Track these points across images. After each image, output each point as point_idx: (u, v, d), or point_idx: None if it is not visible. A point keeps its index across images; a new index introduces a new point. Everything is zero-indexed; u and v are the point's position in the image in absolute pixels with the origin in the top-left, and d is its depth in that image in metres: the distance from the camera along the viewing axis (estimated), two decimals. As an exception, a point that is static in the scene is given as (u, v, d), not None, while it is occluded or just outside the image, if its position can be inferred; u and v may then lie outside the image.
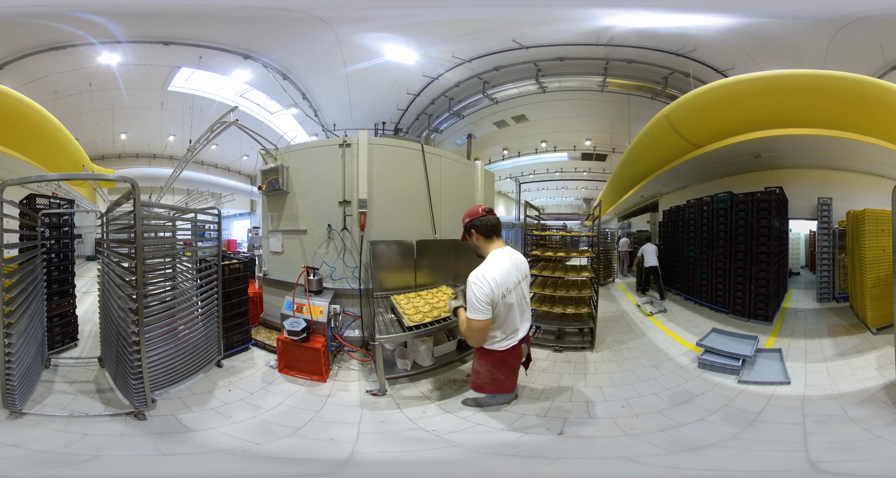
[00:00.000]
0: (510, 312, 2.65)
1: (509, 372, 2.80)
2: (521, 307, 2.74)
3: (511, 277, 2.63)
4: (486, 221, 2.70)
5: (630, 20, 4.89)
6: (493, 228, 2.71)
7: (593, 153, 7.47)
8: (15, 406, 2.69)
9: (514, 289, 2.65)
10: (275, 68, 5.93)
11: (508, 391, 2.90)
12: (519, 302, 2.71)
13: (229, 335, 3.99)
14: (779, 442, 2.56)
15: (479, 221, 2.71)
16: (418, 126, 6.93)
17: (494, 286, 2.50)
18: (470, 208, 2.81)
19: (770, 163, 5.31)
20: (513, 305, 2.64)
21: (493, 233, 2.72)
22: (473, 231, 2.74)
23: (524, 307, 2.81)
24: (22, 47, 4.96)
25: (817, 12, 4.27)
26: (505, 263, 2.63)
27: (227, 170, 8.69)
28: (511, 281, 2.62)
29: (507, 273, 2.60)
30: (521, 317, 2.76)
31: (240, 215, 11.37)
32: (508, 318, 2.67)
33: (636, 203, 8.40)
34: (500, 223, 2.76)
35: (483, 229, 2.70)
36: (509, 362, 2.77)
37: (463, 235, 2.84)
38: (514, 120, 7.10)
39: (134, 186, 2.68)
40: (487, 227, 2.70)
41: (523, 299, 2.78)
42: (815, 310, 5.21)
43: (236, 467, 2.40)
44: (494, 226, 2.72)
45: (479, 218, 2.71)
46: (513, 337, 2.72)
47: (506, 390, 2.86)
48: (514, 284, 2.65)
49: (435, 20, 4.94)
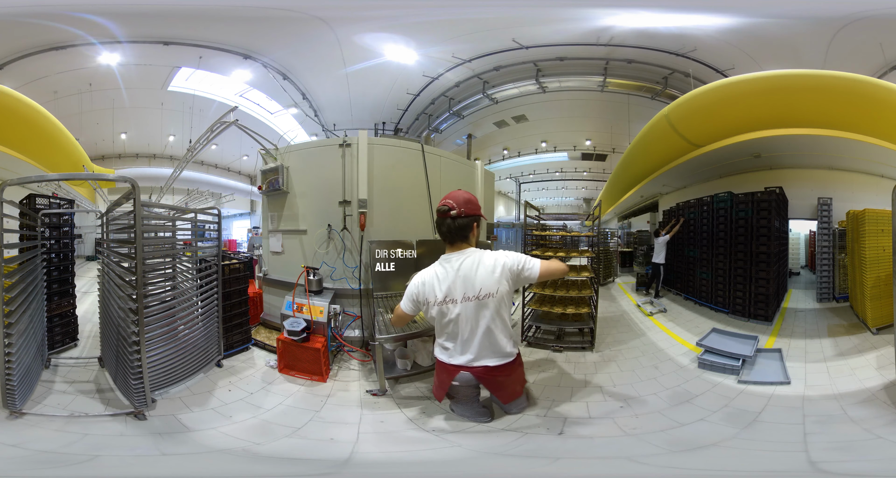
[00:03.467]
0: (449, 324, 2.48)
1: (439, 383, 2.71)
2: (468, 328, 2.46)
3: (453, 288, 2.42)
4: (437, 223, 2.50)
5: (630, 20, 4.88)
6: (442, 231, 2.51)
7: (593, 153, 7.47)
8: (15, 406, 2.69)
9: (461, 303, 2.42)
10: (275, 68, 5.93)
11: (438, 398, 2.78)
12: (468, 321, 2.45)
13: (229, 335, 3.99)
14: (779, 442, 2.55)
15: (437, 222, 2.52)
16: (418, 126, 6.93)
17: (419, 285, 2.49)
18: (470, 196, 2.50)
19: (770, 163, 5.31)
20: (452, 320, 2.46)
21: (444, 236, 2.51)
22: (476, 225, 2.55)
23: (476, 333, 2.47)
24: (22, 47, 4.96)
25: (817, 12, 4.27)
26: (431, 274, 2.49)
27: (227, 170, 8.68)
28: (454, 292, 2.43)
29: (435, 283, 2.46)
30: (465, 339, 2.49)
31: (240, 215, 11.37)
32: (446, 329, 2.52)
33: (636, 203, 8.40)
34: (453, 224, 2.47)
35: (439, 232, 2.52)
36: (441, 374, 2.67)
37: (473, 225, 2.52)
38: (514, 120, 7.10)
39: (134, 186, 2.68)
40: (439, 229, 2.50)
41: (477, 323, 2.44)
42: (815, 310, 5.21)
43: (236, 467, 2.40)
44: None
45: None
46: (449, 354, 2.56)
47: (438, 397, 2.77)
48: (461, 298, 2.42)
49: (435, 20, 4.94)
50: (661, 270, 6.48)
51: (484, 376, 2.57)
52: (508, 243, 9.59)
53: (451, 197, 2.47)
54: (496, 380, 2.60)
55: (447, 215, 2.43)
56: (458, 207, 2.42)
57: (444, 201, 2.46)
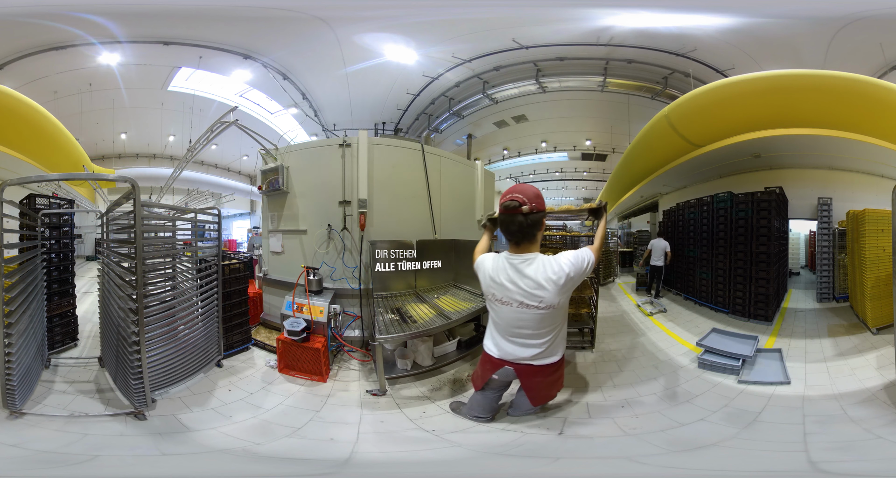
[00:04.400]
0: (502, 322, 2.47)
1: (481, 372, 2.71)
2: (516, 326, 2.41)
3: (494, 283, 2.40)
4: (501, 220, 2.40)
5: (630, 20, 4.88)
6: (506, 229, 2.43)
7: (593, 153, 7.47)
8: (15, 406, 2.69)
9: (503, 301, 2.38)
10: (275, 68, 5.93)
11: (475, 387, 2.78)
12: (513, 321, 2.40)
13: (229, 335, 3.99)
14: (779, 442, 2.56)
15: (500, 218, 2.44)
16: (418, 126, 6.93)
17: (477, 266, 2.56)
18: (537, 190, 2.30)
19: (770, 163, 5.30)
20: (498, 311, 2.44)
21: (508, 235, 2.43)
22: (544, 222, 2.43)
23: (524, 331, 2.41)
24: (22, 47, 4.96)
25: (817, 12, 4.27)
26: (489, 263, 2.47)
27: (227, 170, 8.69)
28: (494, 287, 2.41)
29: (492, 274, 2.43)
30: (510, 337, 2.46)
31: (240, 215, 11.37)
32: (496, 320, 2.51)
33: (636, 203, 8.40)
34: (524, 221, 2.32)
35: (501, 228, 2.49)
36: (485, 365, 2.66)
37: (542, 223, 2.38)
38: (514, 120, 7.10)
39: (134, 186, 2.68)
40: (502, 226, 2.41)
41: (522, 322, 2.37)
42: (815, 310, 5.21)
43: (236, 467, 2.40)
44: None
45: None
46: (494, 347, 2.55)
47: (475, 385, 2.78)
48: (501, 293, 2.38)
49: (435, 20, 4.94)
50: (661, 272, 6.57)
51: (527, 374, 2.51)
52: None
53: (517, 191, 2.21)
54: (535, 380, 2.55)
55: (518, 211, 2.17)
56: (529, 202, 2.16)
57: (512, 196, 2.18)
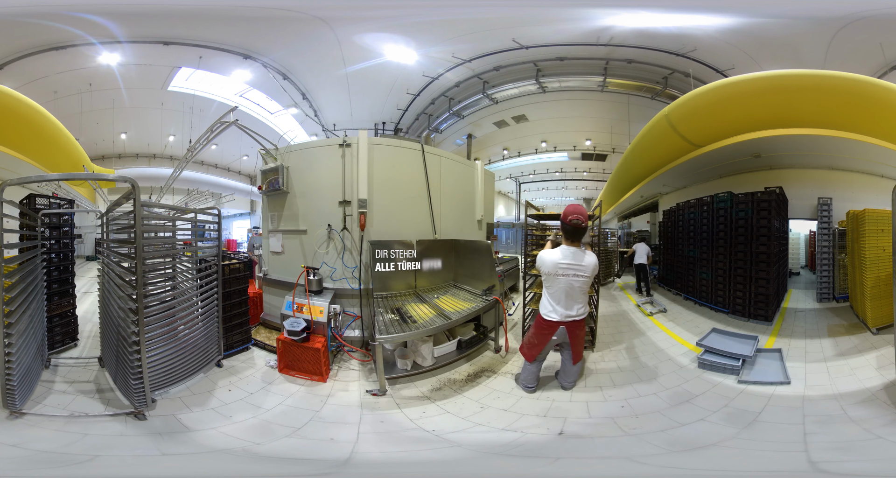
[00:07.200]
0: (559, 289, 3.23)
1: (539, 340, 3.30)
2: (568, 294, 3.24)
3: (562, 263, 3.20)
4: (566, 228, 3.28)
5: (630, 20, 4.89)
6: (569, 234, 3.28)
7: (593, 153, 7.48)
8: (15, 406, 2.69)
9: (564, 274, 3.20)
10: (275, 68, 5.93)
11: (528, 359, 3.34)
12: (568, 288, 3.23)
13: (229, 335, 3.99)
14: (779, 442, 2.56)
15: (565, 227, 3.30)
16: (418, 126, 6.94)
17: (543, 259, 3.29)
18: (584, 210, 3.27)
19: (770, 163, 5.31)
20: (562, 287, 3.22)
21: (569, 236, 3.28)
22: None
23: (574, 296, 3.25)
24: (22, 47, 4.97)
25: (817, 12, 4.28)
26: (558, 253, 3.25)
27: (227, 170, 8.70)
28: (562, 266, 3.20)
29: (561, 259, 3.21)
30: (566, 301, 3.24)
31: (240, 215, 11.39)
32: (555, 292, 3.25)
33: (636, 203, 8.41)
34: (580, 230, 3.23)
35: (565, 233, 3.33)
36: (544, 330, 3.28)
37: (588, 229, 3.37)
38: (514, 120, 7.11)
39: (134, 186, 2.68)
40: (567, 232, 3.29)
41: (572, 290, 3.24)
42: (815, 310, 5.21)
43: (236, 467, 2.40)
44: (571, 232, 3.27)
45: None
46: (554, 313, 3.25)
47: (528, 357, 3.34)
48: (564, 270, 3.20)
49: (435, 20, 4.95)
50: (646, 269, 6.84)
51: (573, 327, 3.28)
52: (508, 243, 9.60)
53: (578, 212, 3.20)
54: (577, 333, 3.31)
55: (580, 227, 3.20)
56: (584, 221, 3.19)
57: (576, 216, 3.19)
